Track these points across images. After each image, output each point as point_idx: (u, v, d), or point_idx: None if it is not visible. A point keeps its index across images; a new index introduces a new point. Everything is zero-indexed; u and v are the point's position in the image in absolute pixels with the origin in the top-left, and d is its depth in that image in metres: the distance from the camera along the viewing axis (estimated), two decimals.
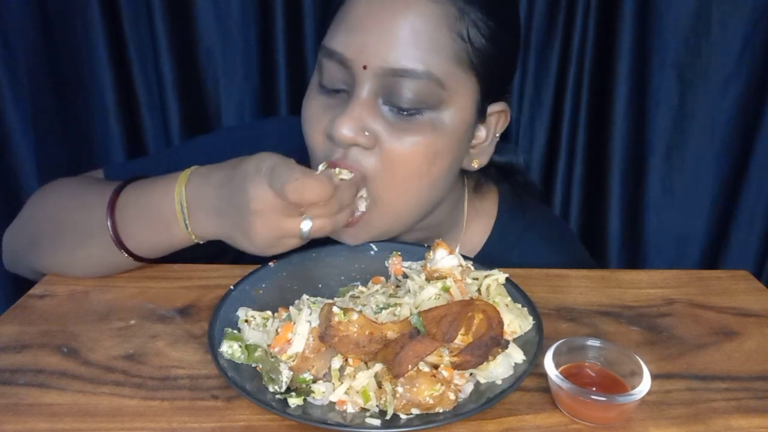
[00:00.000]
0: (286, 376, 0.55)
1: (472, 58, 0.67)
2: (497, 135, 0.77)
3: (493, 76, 0.71)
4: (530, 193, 0.92)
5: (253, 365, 0.59)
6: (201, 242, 0.69)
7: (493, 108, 0.74)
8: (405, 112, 0.66)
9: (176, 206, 0.65)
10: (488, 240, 0.86)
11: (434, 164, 0.69)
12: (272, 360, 0.57)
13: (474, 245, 0.86)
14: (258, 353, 0.59)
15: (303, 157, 0.90)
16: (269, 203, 0.60)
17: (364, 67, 0.65)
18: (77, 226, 0.73)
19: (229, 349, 0.58)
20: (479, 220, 0.87)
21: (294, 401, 0.54)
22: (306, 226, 0.61)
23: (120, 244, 0.69)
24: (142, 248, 0.71)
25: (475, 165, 0.77)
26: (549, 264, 0.83)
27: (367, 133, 0.66)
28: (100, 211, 0.69)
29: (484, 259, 0.84)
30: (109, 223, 0.68)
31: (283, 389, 0.55)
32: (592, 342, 0.59)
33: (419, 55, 0.64)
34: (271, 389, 0.55)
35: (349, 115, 0.65)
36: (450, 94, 0.67)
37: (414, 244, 0.77)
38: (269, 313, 0.65)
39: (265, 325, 0.63)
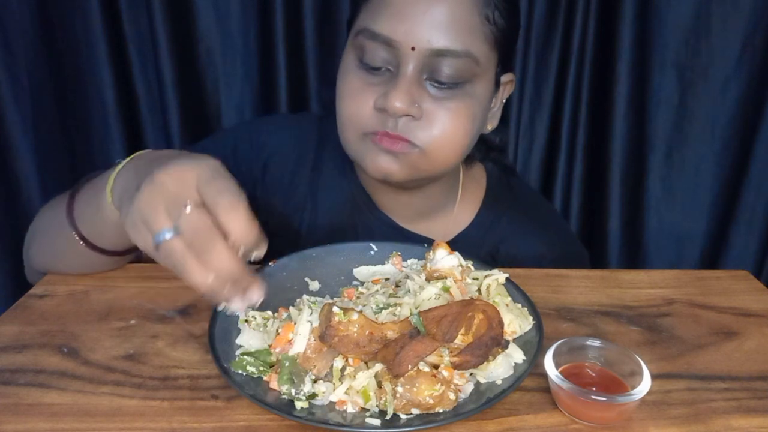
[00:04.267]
0: (308, 388, 0.54)
1: (496, 37, 0.76)
2: (503, 101, 0.86)
3: (507, 50, 0.81)
4: (514, 175, 1.00)
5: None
6: (117, 213, 0.63)
7: (505, 78, 0.83)
8: (446, 86, 0.74)
9: (112, 173, 0.65)
10: (477, 214, 0.93)
11: (473, 125, 0.78)
12: (299, 366, 0.56)
13: (464, 219, 0.93)
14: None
15: (298, 156, 0.91)
16: (166, 184, 0.52)
17: (413, 49, 0.72)
18: (52, 221, 0.75)
19: (242, 370, 0.57)
20: (471, 193, 0.94)
21: (300, 404, 0.53)
22: (164, 234, 0.51)
23: (73, 225, 0.70)
24: (87, 227, 0.70)
25: (489, 127, 0.86)
26: (532, 243, 0.90)
27: (416, 105, 0.73)
28: (64, 203, 0.71)
29: (473, 233, 0.91)
30: (66, 206, 0.70)
31: (301, 398, 0.54)
32: (592, 342, 0.59)
33: (459, 36, 0.72)
34: (284, 389, 0.55)
35: (401, 90, 0.72)
36: (482, 69, 0.76)
37: (414, 244, 0.77)
38: (269, 313, 0.65)
39: (265, 325, 0.63)
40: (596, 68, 1.31)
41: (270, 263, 0.72)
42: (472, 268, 0.68)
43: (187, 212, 0.50)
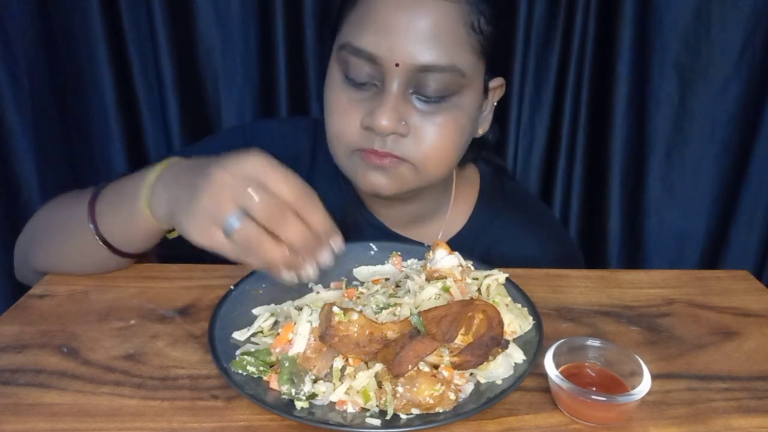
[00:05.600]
0: (308, 388, 0.55)
1: (482, 46, 0.74)
2: (494, 104, 0.85)
3: (495, 57, 0.79)
4: (506, 175, 1.00)
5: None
6: (156, 223, 0.66)
7: (493, 83, 0.82)
8: (432, 100, 0.73)
9: (145, 184, 0.66)
10: (470, 217, 0.92)
11: (460, 138, 0.78)
12: (299, 366, 0.57)
13: (457, 222, 0.92)
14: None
15: (295, 159, 0.91)
16: (227, 179, 0.57)
17: (397, 65, 0.70)
18: (66, 221, 0.74)
19: (242, 370, 0.57)
20: (464, 195, 0.93)
21: (300, 404, 0.53)
22: (234, 221, 0.56)
23: (95, 229, 0.70)
24: (113, 233, 0.70)
25: (480, 131, 0.85)
26: (525, 245, 0.89)
27: (403, 123, 0.73)
28: (84, 204, 0.71)
29: (466, 235, 0.90)
30: (87, 209, 0.70)
31: (301, 398, 0.54)
32: (592, 342, 0.59)
33: (444, 50, 0.71)
34: (284, 389, 0.54)
35: (387, 108, 0.71)
36: (468, 81, 0.75)
37: (414, 244, 0.77)
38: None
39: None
40: (596, 68, 1.31)
41: None
42: (472, 268, 0.68)
43: (253, 196, 0.55)
